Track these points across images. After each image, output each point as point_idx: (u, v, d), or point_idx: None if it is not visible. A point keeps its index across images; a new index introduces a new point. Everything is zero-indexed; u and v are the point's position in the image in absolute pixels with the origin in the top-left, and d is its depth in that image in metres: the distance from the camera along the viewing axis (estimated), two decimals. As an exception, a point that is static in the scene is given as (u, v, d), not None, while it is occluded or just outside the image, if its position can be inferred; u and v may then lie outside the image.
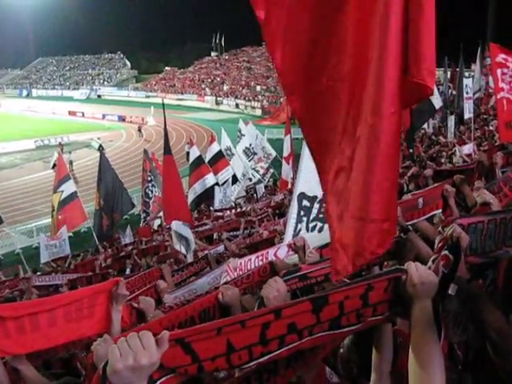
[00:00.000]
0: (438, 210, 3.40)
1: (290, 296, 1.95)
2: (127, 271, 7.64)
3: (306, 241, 3.38)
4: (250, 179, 16.51)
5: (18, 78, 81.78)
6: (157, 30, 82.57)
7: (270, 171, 16.65)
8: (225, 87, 55.22)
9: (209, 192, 11.67)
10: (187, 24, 79.13)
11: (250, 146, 16.22)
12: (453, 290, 1.46)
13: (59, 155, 12.93)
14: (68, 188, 10.87)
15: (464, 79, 14.09)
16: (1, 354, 2.22)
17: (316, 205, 3.92)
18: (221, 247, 6.16)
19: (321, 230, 3.91)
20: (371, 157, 1.61)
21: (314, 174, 3.80)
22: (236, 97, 50.60)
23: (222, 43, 67.55)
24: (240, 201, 15.24)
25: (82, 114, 48.83)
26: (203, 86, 57.75)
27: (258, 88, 51.27)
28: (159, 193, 12.12)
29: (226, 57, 66.42)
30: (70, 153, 28.01)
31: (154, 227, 13.56)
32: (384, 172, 1.61)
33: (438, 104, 13.67)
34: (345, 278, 1.73)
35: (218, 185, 12.57)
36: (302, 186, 3.94)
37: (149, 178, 13.26)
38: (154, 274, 4.17)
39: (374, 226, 1.63)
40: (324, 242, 3.19)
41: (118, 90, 66.22)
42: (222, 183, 13.43)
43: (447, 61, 19.45)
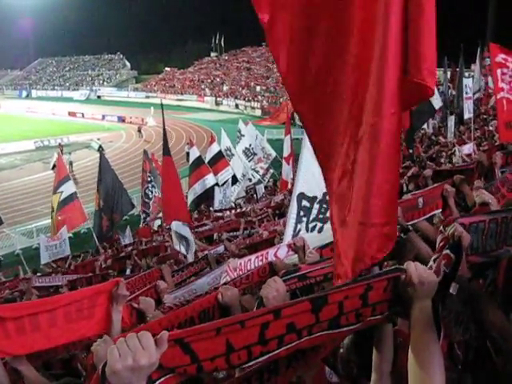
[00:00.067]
0: (438, 210, 3.40)
1: (289, 296, 1.95)
2: (127, 272, 7.64)
3: (305, 241, 3.38)
4: (250, 180, 16.49)
5: (18, 79, 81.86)
6: (156, 30, 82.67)
7: (270, 172, 16.64)
8: (224, 87, 55.24)
9: (209, 192, 11.67)
10: (187, 24, 79.22)
11: (249, 146, 16.20)
12: (454, 289, 1.46)
13: (59, 156, 12.88)
14: (68, 189, 10.85)
15: (464, 79, 14.09)
16: (1, 355, 2.22)
17: (316, 205, 3.91)
18: (221, 247, 6.15)
19: (321, 231, 3.90)
20: (371, 158, 1.58)
21: (314, 174, 3.84)
22: (236, 97, 50.62)
23: (222, 44, 67.61)
24: (240, 201, 15.24)
25: (82, 114, 48.90)
26: (203, 86, 57.77)
27: (258, 88, 51.28)
28: (159, 193, 12.12)
29: (226, 57, 66.44)
30: (69, 153, 28.06)
31: (154, 228, 13.56)
32: (384, 174, 1.58)
33: (437, 104, 13.67)
34: None
35: (217, 185, 12.56)
36: (302, 186, 3.93)
37: (148, 178, 13.27)
38: (154, 275, 4.18)
39: (374, 230, 1.61)
40: (324, 243, 3.19)
41: (118, 91, 66.28)
42: (222, 184, 13.42)
43: (447, 61, 19.44)
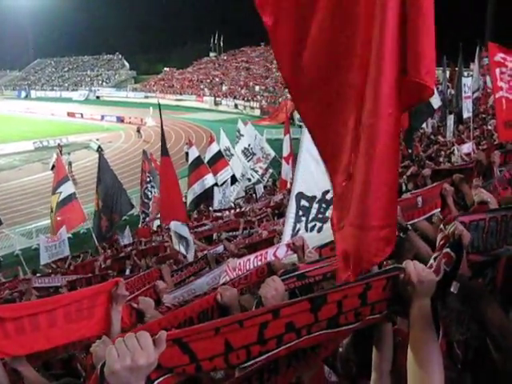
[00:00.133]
0: (437, 209, 3.40)
1: (288, 295, 1.95)
2: (127, 272, 7.64)
3: (305, 240, 3.38)
4: (249, 179, 16.49)
5: (17, 80, 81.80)
6: (155, 30, 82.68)
7: (269, 171, 16.63)
8: (223, 87, 55.22)
9: (208, 192, 11.63)
10: (186, 24, 79.25)
11: (248, 146, 16.18)
12: (455, 288, 1.45)
13: (58, 156, 12.87)
14: (66, 189, 10.83)
15: (463, 78, 14.07)
16: (0, 355, 2.22)
17: (315, 205, 3.90)
18: (220, 247, 6.15)
19: (320, 230, 3.90)
20: (368, 160, 1.55)
21: (313, 174, 3.84)
22: (235, 97, 50.60)
23: (221, 43, 67.61)
24: (239, 201, 15.26)
25: (81, 115, 48.87)
26: (202, 86, 57.74)
27: (257, 88, 51.27)
28: (158, 193, 12.11)
29: (225, 57, 66.44)
30: (68, 154, 28.07)
31: (154, 228, 13.55)
32: (381, 176, 1.54)
33: (436, 104, 13.68)
34: None
35: (217, 185, 12.54)
36: (300, 185, 3.93)
37: (148, 178, 13.26)
38: (154, 275, 4.18)
39: (372, 233, 1.58)
40: (323, 242, 3.19)
41: (117, 91, 66.23)
42: (221, 184, 13.41)
43: (446, 60, 19.43)
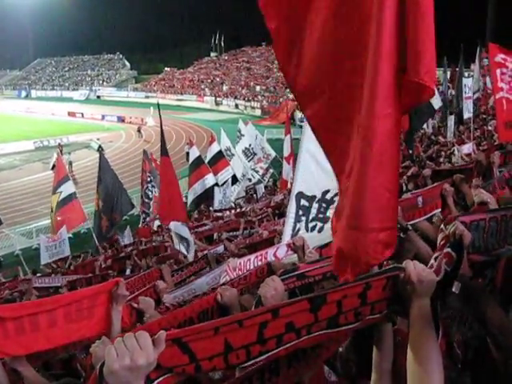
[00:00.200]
0: (438, 210, 3.40)
1: (287, 295, 1.95)
2: (127, 272, 7.64)
3: (305, 240, 3.37)
4: (250, 179, 16.49)
5: (17, 79, 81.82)
6: (156, 30, 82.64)
7: (270, 171, 16.63)
8: (224, 87, 55.21)
9: (209, 192, 11.64)
10: (186, 24, 79.27)
11: (249, 146, 16.18)
12: (457, 288, 1.45)
13: (58, 156, 12.87)
14: (67, 189, 10.83)
15: (463, 79, 14.07)
16: (0, 355, 2.21)
17: (315, 204, 3.90)
18: (220, 247, 6.14)
19: (321, 230, 3.89)
20: (364, 160, 1.51)
21: (313, 174, 3.84)
22: (235, 97, 50.58)
23: (222, 43, 67.59)
24: (240, 201, 15.25)
25: (82, 114, 48.88)
26: (203, 86, 57.74)
27: (258, 88, 51.25)
28: (159, 193, 12.10)
29: (226, 57, 66.42)
30: (69, 154, 28.08)
31: (154, 228, 13.55)
32: (378, 178, 1.50)
33: (437, 104, 13.65)
34: None
35: (217, 185, 12.55)
36: (300, 185, 3.93)
37: (148, 178, 13.27)
38: (154, 275, 4.18)
39: (370, 236, 1.55)
40: (324, 242, 3.19)
41: (118, 91, 66.21)
42: (222, 184, 13.42)
43: (446, 61, 19.41)
